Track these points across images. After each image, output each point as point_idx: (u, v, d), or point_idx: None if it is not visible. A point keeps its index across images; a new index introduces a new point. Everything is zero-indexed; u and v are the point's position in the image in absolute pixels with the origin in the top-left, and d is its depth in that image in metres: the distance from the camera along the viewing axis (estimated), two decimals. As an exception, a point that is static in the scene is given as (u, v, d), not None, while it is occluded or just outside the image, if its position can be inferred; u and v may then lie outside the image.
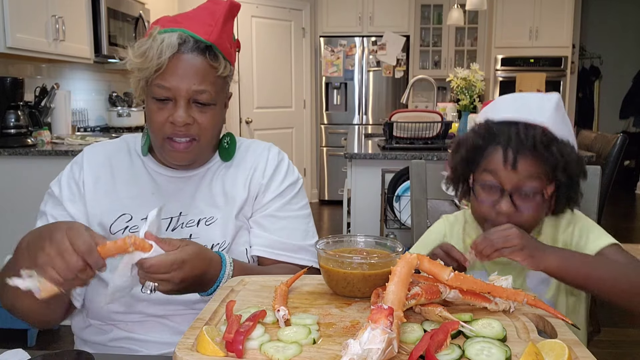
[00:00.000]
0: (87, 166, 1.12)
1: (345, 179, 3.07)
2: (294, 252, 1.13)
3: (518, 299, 0.76)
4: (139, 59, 1.00)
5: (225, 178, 1.15)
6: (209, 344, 0.64)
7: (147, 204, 1.08)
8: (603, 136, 2.73)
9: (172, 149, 1.05)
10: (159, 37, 1.00)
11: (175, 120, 1.02)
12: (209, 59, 1.02)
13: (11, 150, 2.68)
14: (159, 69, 0.99)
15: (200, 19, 1.04)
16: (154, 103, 1.03)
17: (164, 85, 1.01)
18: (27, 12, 2.82)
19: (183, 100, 1.02)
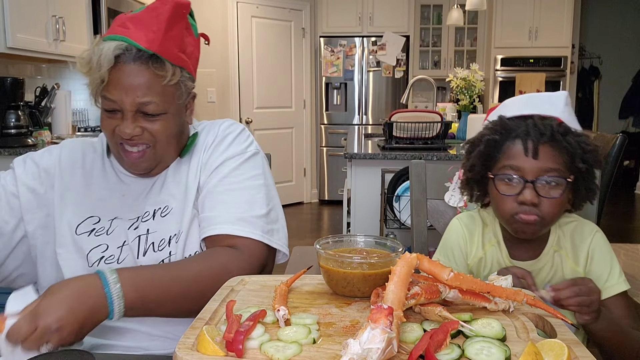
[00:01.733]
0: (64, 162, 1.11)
1: (345, 179, 3.07)
2: (231, 224, 1.03)
3: (517, 298, 0.76)
4: (85, 69, 0.98)
5: (179, 165, 1.12)
6: (209, 343, 0.64)
7: (116, 206, 1.08)
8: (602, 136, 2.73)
9: (127, 157, 1.04)
10: (97, 48, 0.97)
11: (123, 133, 1.00)
12: (153, 68, 0.98)
13: (11, 150, 2.68)
14: (102, 80, 0.97)
15: (145, 24, 0.99)
16: (104, 112, 1.02)
17: (109, 97, 0.98)
18: (27, 12, 2.83)
19: (130, 113, 0.99)
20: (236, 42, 5.30)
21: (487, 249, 1.14)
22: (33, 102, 3.14)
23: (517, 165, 1.02)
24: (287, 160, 5.86)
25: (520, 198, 1.01)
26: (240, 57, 5.36)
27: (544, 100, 1.09)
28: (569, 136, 1.01)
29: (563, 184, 1.00)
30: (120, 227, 1.07)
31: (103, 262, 1.05)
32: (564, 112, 1.05)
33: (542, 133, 1.01)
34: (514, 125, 1.04)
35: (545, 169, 1.00)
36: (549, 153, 1.01)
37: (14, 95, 2.79)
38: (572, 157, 1.01)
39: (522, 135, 1.02)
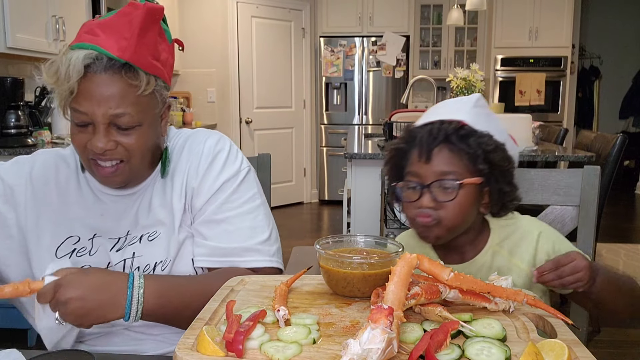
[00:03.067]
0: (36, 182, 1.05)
1: (345, 179, 3.07)
2: (239, 256, 1.03)
3: (518, 298, 0.76)
4: (52, 79, 0.91)
5: (164, 187, 1.05)
6: (209, 343, 0.64)
7: (95, 225, 1.03)
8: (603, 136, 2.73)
9: (99, 172, 0.97)
10: (66, 57, 0.90)
11: (95, 147, 0.93)
12: (126, 77, 0.92)
13: (11, 150, 2.68)
14: (71, 92, 0.90)
15: (116, 31, 0.92)
16: (74, 126, 0.95)
17: (79, 109, 0.92)
18: (27, 12, 2.82)
19: (102, 126, 0.92)
20: (236, 42, 5.30)
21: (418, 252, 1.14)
22: (33, 102, 3.13)
23: (416, 171, 1.03)
24: (287, 160, 5.86)
25: (418, 203, 1.01)
26: (240, 57, 5.36)
27: (451, 105, 1.10)
28: (470, 138, 1.00)
29: (456, 187, 0.99)
30: (103, 248, 1.03)
31: None
32: (471, 114, 1.04)
33: (435, 137, 1.01)
34: (416, 132, 1.05)
35: (439, 172, 1.00)
36: (444, 157, 1.01)
37: (13, 95, 2.78)
38: (473, 159, 1.00)
39: (417, 142, 1.03)
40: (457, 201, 0.99)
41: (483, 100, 1.08)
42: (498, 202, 1.04)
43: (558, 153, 2.86)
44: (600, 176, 1.25)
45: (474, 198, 1.02)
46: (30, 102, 3.12)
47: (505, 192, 1.03)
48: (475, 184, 1.01)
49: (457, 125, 1.02)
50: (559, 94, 5.85)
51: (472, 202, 1.02)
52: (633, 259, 3.97)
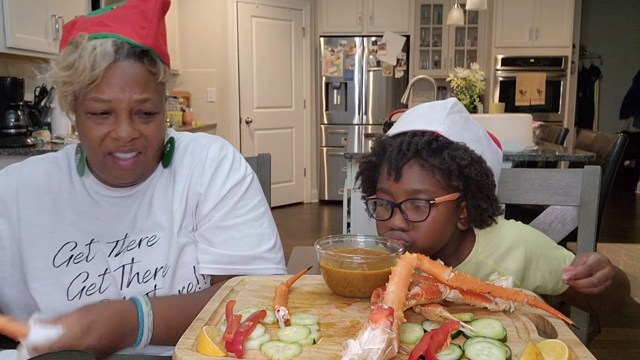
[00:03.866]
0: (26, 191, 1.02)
1: (345, 179, 3.07)
2: (246, 264, 1.02)
3: (518, 299, 0.76)
4: (67, 72, 0.88)
5: (165, 190, 1.04)
6: (209, 344, 0.64)
7: (91, 229, 1.01)
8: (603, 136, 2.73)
9: (117, 167, 0.94)
10: (89, 45, 0.88)
11: (120, 136, 0.91)
12: (147, 64, 0.92)
13: (11, 150, 2.68)
14: (92, 81, 0.88)
15: (130, 21, 0.92)
16: (90, 118, 0.91)
17: (102, 97, 0.89)
18: (27, 12, 2.82)
19: (125, 113, 0.91)
20: (236, 41, 5.30)
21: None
22: (32, 102, 3.13)
23: (386, 188, 0.97)
24: (287, 160, 5.86)
25: (389, 223, 0.96)
26: (240, 57, 5.36)
27: (423, 113, 1.01)
28: (443, 152, 0.93)
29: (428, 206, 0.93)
30: (101, 253, 1.00)
31: (84, 293, 0.98)
32: (445, 123, 0.97)
33: (404, 153, 0.94)
34: (387, 144, 0.98)
35: (409, 191, 0.94)
36: (415, 174, 0.94)
37: (13, 95, 2.79)
38: (447, 173, 0.94)
39: (387, 157, 0.96)
40: (430, 221, 0.94)
41: (459, 105, 1.01)
42: (476, 217, 0.99)
43: (558, 153, 2.86)
44: (600, 176, 1.25)
45: (449, 215, 0.96)
46: (30, 102, 3.12)
47: (483, 208, 0.97)
48: (449, 200, 0.95)
49: (430, 137, 0.95)
50: (560, 94, 5.85)
51: (447, 219, 0.96)
52: (633, 259, 3.97)
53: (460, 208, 0.99)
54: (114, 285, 0.99)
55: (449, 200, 0.95)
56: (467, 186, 0.96)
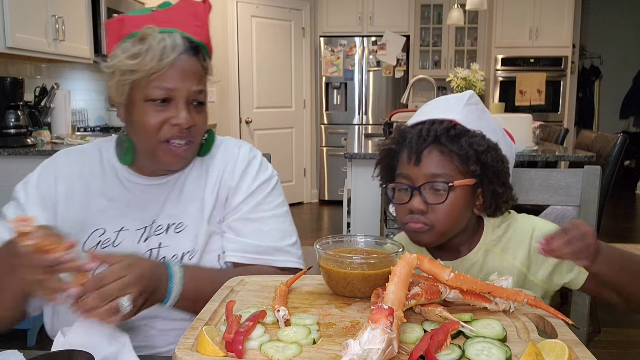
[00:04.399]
0: (61, 181, 1.07)
1: (345, 179, 3.07)
2: (270, 255, 1.09)
3: (518, 299, 0.76)
4: (134, 60, 0.96)
5: (198, 180, 1.10)
6: (209, 344, 0.64)
7: (121, 216, 1.05)
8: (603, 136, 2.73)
9: (170, 153, 1.01)
10: (158, 37, 0.97)
11: (180, 123, 0.99)
12: (201, 59, 1.02)
13: (11, 150, 2.68)
14: (158, 70, 0.96)
15: (185, 20, 1.01)
16: (149, 105, 0.98)
17: (165, 86, 0.98)
18: (27, 12, 2.82)
19: (183, 101, 1.00)
20: (236, 41, 5.30)
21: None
22: (32, 102, 3.13)
23: (406, 173, 1.01)
24: (287, 160, 5.86)
25: (408, 206, 0.99)
26: (240, 57, 5.36)
27: (442, 103, 1.07)
28: (461, 139, 0.98)
29: (446, 189, 0.97)
30: (128, 240, 1.04)
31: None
32: (462, 113, 1.01)
33: (425, 139, 0.99)
34: (407, 133, 1.03)
35: (429, 175, 0.98)
36: (434, 158, 0.99)
37: (13, 95, 2.78)
38: (465, 159, 0.98)
39: (407, 143, 1.01)
40: (448, 203, 0.97)
41: (475, 97, 1.06)
42: (492, 203, 1.02)
43: (558, 153, 2.86)
44: (600, 176, 1.25)
45: (466, 200, 1.00)
46: (30, 102, 3.12)
47: (498, 193, 1.01)
48: (467, 185, 0.99)
49: (448, 125, 0.99)
50: (560, 94, 5.85)
51: (464, 204, 1.00)
52: (633, 259, 3.97)
53: (477, 194, 1.02)
54: None
55: (466, 184, 0.99)
56: (484, 172, 0.99)
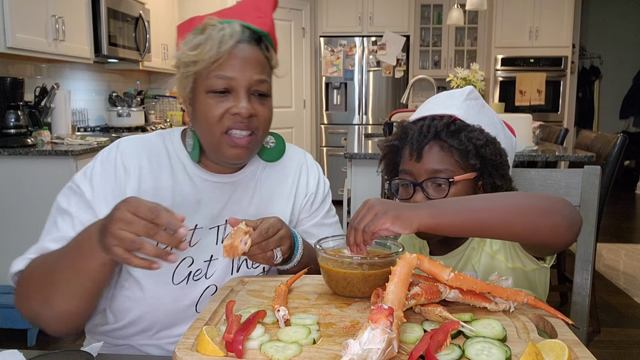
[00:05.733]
0: (132, 171, 1.02)
1: (345, 179, 3.07)
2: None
3: (518, 299, 0.76)
4: (194, 51, 0.96)
5: (271, 184, 1.11)
6: (209, 344, 0.64)
7: (192, 212, 1.02)
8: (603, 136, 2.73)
9: (233, 144, 0.98)
10: (217, 26, 0.97)
11: (240, 112, 0.96)
12: (263, 49, 1.00)
13: (11, 150, 2.68)
14: (217, 59, 0.95)
15: (248, 12, 1.02)
16: (211, 97, 0.97)
17: (225, 75, 0.96)
18: (27, 12, 2.82)
19: (244, 91, 0.97)
20: (236, 42, 5.29)
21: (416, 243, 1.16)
22: (33, 102, 3.13)
23: (408, 169, 1.03)
24: (287, 160, 5.85)
25: (412, 201, 1.01)
26: (240, 57, 5.35)
27: (443, 98, 1.09)
28: (460, 134, 1.00)
29: (447, 184, 0.99)
30: (206, 240, 1.03)
31: (191, 279, 1.00)
32: (462, 108, 1.04)
33: (425, 135, 1.01)
34: (408, 129, 1.05)
35: (430, 170, 1.00)
36: (435, 154, 1.01)
37: (13, 95, 2.78)
38: (465, 154, 1.00)
39: (409, 140, 1.03)
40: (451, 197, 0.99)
41: (475, 92, 1.08)
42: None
43: (558, 153, 2.86)
44: (600, 176, 1.25)
45: (467, 193, 1.02)
46: (30, 102, 3.12)
47: (498, 186, 1.03)
48: (467, 179, 1.01)
49: (448, 120, 1.02)
50: (559, 94, 5.85)
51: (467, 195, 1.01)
52: (633, 259, 3.97)
53: (477, 187, 1.04)
54: (220, 271, 1.03)
55: (467, 178, 1.01)
56: (484, 165, 1.01)
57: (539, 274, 1.04)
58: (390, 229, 0.78)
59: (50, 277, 0.89)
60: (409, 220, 0.78)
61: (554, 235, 0.84)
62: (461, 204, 0.84)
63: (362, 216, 0.80)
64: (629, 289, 3.35)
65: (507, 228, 0.83)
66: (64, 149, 2.72)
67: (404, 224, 0.78)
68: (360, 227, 0.80)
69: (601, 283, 3.40)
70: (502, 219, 0.82)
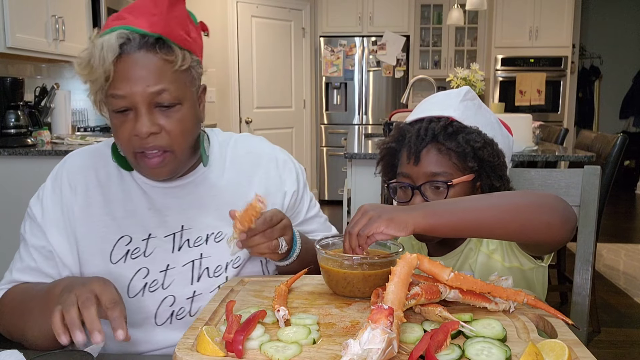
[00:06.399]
0: (78, 188, 1.00)
1: (345, 179, 3.07)
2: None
3: (518, 299, 0.76)
4: (85, 71, 0.88)
5: (232, 182, 1.05)
6: (209, 344, 0.64)
7: (144, 222, 0.99)
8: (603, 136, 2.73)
9: (146, 165, 0.93)
10: (97, 42, 0.87)
11: (139, 132, 0.88)
12: (161, 53, 0.89)
13: (11, 150, 2.68)
14: (107, 77, 0.86)
15: (143, 10, 0.90)
16: (115, 117, 0.91)
17: (118, 93, 0.88)
18: (27, 12, 2.82)
19: (143, 107, 0.88)
20: (236, 41, 5.30)
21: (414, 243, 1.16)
22: (33, 102, 3.13)
23: (407, 172, 1.03)
24: (287, 160, 5.85)
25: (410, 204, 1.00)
26: (240, 57, 5.36)
27: (439, 100, 1.09)
28: (458, 136, 1.00)
29: (446, 187, 0.99)
30: (160, 249, 0.99)
31: (147, 290, 0.97)
32: (459, 109, 1.03)
33: (422, 138, 1.00)
34: (406, 131, 1.04)
35: (428, 174, 1.00)
36: (433, 158, 1.00)
37: (13, 95, 2.78)
38: (463, 156, 1.00)
39: (407, 143, 1.03)
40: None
41: (472, 93, 1.08)
42: None
43: (558, 153, 2.86)
44: (600, 176, 1.25)
45: (465, 194, 1.02)
46: (30, 102, 3.12)
47: (496, 187, 1.03)
48: (466, 181, 1.01)
49: (446, 122, 1.01)
50: (559, 94, 5.85)
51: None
52: (633, 259, 3.97)
53: (476, 188, 1.04)
54: (179, 280, 0.98)
55: (465, 181, 1.01)
56: (481, 167, 1.01)
57: (536, 273, 1.04)
58: (385, 232, 0.78)
59: (22, 316, 0.92)
60: (403, 222, 0.78)
61: (548, 232, 0.85)
62: (455, 205, 0.84)
63: (357, 221, 0.80)
64: (629, 289, 3.35)
65: (502, 227, 0.83)
66: (64, 149, 2.72)
67: (398, 227, 0.78)
68: (354, 232, 0.80)
69: (601, 283, 3.40)
70: (496, 218, 0.82)
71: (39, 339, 0.90)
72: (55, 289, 0.86)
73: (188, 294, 0.98)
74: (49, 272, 0.99)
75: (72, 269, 0.99)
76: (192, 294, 0.98)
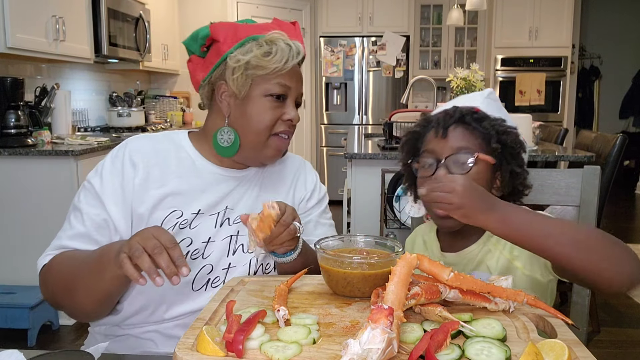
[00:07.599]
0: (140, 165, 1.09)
1: (345, 179, 3.07)
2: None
3: (518, 299, 0.76)
4: (265, 57, 1.06)
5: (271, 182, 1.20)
6: (209, 343, 0.64)
7: (197, 201, 1.09)
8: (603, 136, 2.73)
9: (277, 147, 1.11)
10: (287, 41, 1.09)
11: (294, 118, 1.11)
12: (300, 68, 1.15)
13: (11, 150, 2.68)
14: (282, 70, 1.07)
15: (295, 35, 1.14)
16: (269, 100, 1.08)
17: (286, 84, 1.09)
18: (27, 12, 2.83)
19: (293, 100, 1.11)
20: (236, 42, 5.30)
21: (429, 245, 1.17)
22: (33, 102, 3.13)
23: (432, 148, 1.07)
24: (287, 160, 5.85)
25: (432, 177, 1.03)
26: (240, 57, 5.35)
27: (464, 98, 1.17)
28: (484, 121, 1.05)
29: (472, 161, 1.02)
30: (205, 224, 1.09)
31: (189, 257, 1.06)
32: (483, 104, 1.11)
33: (451, 116, 1.06)
34: (432, 117, 1.11)
35: (455, 147, 1.04)
36: (460, 134, 1.05)
37: (13, 95, 2.78)
38: (487, 138, 1.04)
39: (434, 122, 1.08)
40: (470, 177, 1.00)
41: (494, 94, 1.15)
42: (509, 183, 1.06)
43: (558, 153, 2.87)
44: (600, 176, 1.25)
45: (486, 179, 1.04)
46: (30, 102, 3.12)
47: (516, 174, 1.06)
48: (488, 163, 1.04)
49: (471, 109, 1.07)
50: (559, 94, 5.85)
51: (485, 182, 1.04)
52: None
53: (495, 177, 1.07)
54: (217, 252, 1.08)
55: (488, 160, 1.04)
56: (504, 151, 1.05)
57: (551, 284, 1.05)
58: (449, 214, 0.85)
59: (72, 279, 1.00)
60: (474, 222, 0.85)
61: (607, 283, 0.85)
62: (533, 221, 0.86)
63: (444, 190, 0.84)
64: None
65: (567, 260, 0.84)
66: (64, 149, 2.72)
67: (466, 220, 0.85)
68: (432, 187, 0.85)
69: (601, 283, 3.40)
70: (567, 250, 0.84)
71: (87, 299, 0.99)
72: (110, 250, 0.93)
73: (224, 264, 1.08)
74: (97, 239, 1.05)
75: (124, 235, 1.06)
76: (227, 265, 1.08)
